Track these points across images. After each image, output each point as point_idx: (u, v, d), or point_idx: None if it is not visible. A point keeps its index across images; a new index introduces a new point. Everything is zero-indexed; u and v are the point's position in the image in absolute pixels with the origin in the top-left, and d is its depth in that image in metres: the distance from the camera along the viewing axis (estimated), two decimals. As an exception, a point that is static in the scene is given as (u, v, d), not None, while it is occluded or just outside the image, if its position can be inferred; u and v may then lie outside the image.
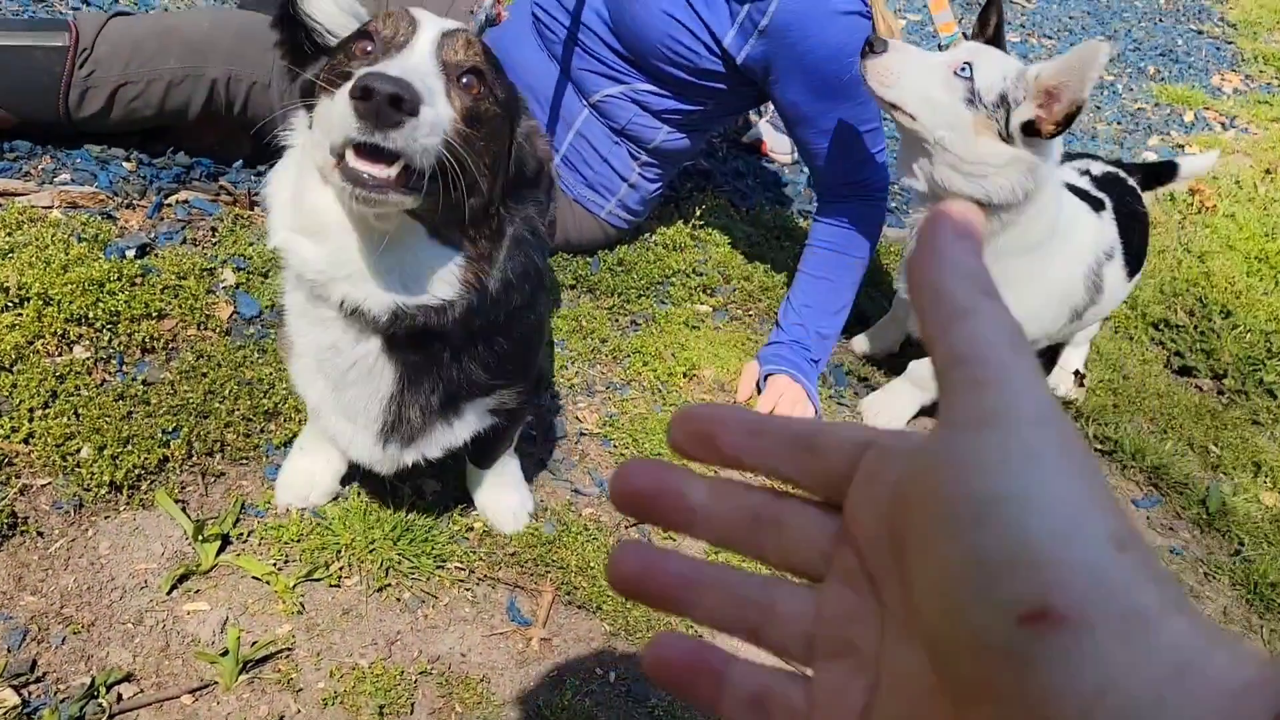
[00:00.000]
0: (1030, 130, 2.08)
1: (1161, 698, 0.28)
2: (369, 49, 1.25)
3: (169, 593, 1.64)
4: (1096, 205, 2.52)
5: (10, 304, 1.92)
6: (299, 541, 1.78)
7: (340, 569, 1.77)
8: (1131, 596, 0.30)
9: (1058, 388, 2.92)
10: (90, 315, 1.95)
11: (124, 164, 2.42)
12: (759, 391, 2.55)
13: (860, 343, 2.89)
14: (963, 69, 2.14)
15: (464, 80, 1.25)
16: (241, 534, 1.77)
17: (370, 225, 1.25)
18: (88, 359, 1.91)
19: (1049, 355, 2.93)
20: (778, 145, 3.77)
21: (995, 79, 2.11)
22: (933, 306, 0.37)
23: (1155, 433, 2.88)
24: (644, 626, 1.86)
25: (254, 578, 1.70)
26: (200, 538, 1.69)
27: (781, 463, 0.44)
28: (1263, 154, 4.95)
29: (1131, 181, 2.75)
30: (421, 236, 1.28)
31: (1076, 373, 2.94)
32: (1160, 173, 2.90)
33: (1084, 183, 2.62)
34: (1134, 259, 2.60)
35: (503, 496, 1.97)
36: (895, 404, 2.59)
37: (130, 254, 2.13)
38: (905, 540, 0.37)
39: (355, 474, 1.94)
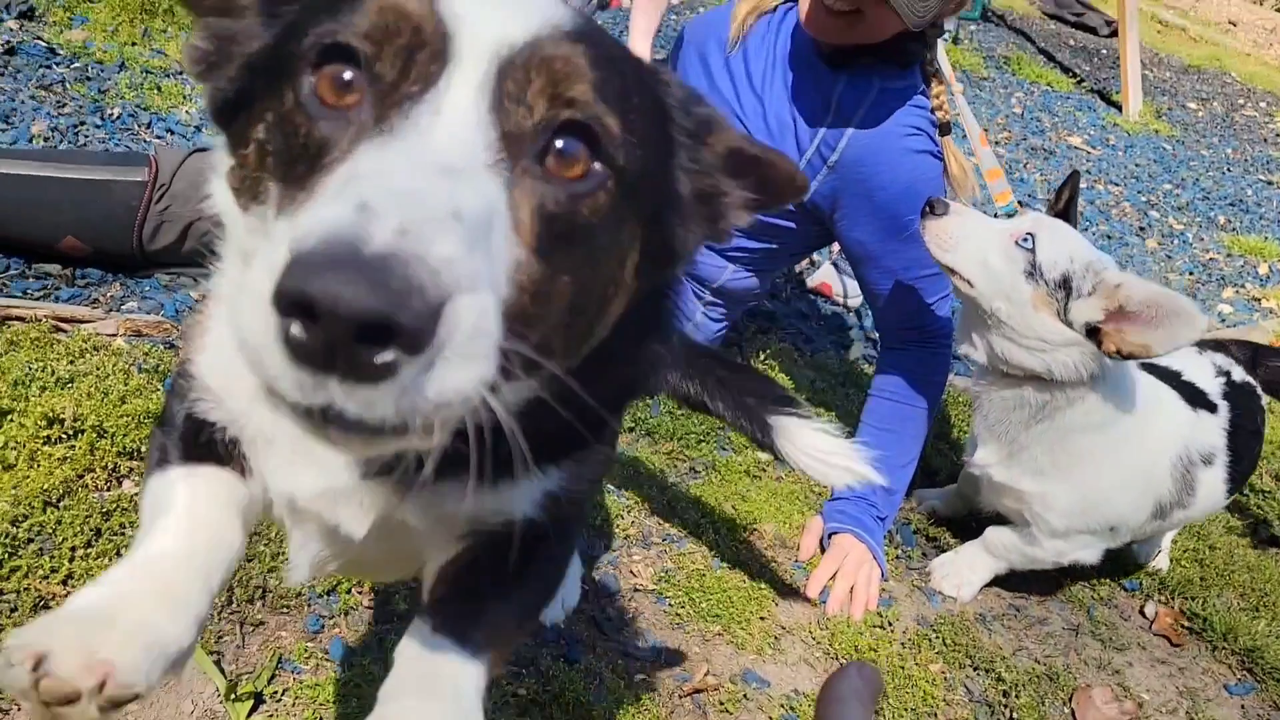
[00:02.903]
0: (1092, 334, 2.00)
1: None
2: (346, 79, 0.64)
3: (195, 757, 1.54)
4: (1204, 403, 2.39)
5: (64, 435, 1.89)
6: (336, 703, 1.68)
7: (376, 735, 1.66)
8: None
9: (1151, 563, 2.75)
10: (144, 449, 1.92)
11: (192, 293, 2.44)
12: (822, 550, 2.43)
13: (924, 502, 2.75)
14: (1025, 239, 2.07)
15: (558, 149, 0.65)
16: (276, 692, 1.67)
17: None
18: (136, 494, 1.87)
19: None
20: (842, 288, 3.72)
21: (1060, 258, 2.03)
22: (832, 699, 0.97)
23: (1246, 610, 2.68)
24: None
25: (285, 742, 1.61)
26: (233, 696, 1.61)
27: None
28: (1343, 309, 4.80)
29: (1264, 401, 2.58)
30: None
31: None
32: None
33: (1216, 383, 2.46)
34: (1239, 474, 2.45)
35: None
36: (966, 570, 2.45)
37: (189, 386, 2.11)
38: None
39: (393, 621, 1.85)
